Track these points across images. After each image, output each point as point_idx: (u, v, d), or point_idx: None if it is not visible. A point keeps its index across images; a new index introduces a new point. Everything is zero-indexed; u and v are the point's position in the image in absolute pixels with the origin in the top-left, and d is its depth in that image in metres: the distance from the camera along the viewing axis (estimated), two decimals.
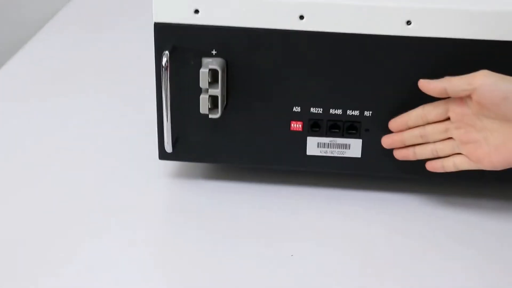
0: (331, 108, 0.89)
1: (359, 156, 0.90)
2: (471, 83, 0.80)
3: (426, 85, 0.84)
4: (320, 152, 0.91)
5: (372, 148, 0.90)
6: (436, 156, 0.87)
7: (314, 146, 0.90)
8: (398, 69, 0.86)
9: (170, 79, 0.87)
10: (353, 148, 0.90)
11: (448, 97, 0.84)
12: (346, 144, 0.90)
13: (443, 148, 0.86)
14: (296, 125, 0.90)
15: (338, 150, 0.90)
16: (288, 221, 0.90)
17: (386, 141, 0.89)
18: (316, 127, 0.90)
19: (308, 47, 0.86)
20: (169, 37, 0.86)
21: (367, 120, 0.89)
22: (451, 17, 0.84)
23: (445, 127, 0.85)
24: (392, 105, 0.88)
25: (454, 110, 0.84)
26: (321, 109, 0.89)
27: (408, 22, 0.84)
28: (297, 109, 0.89)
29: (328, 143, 0.90)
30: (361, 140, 0.90)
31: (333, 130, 0.90)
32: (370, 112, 0.89)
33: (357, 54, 0.86)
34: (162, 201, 0.94)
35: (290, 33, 0.85)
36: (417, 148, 0.88)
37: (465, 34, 0.84)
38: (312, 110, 0.89)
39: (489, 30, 0.84)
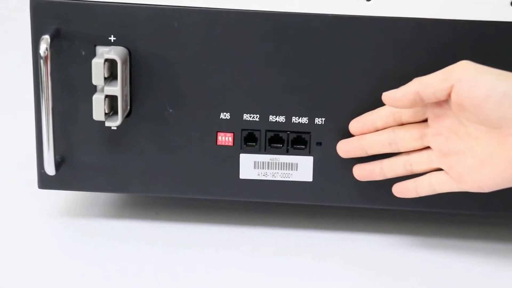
0: (271, 114, 0.75)
1: (310, 179, 0.76)
2: (447, 78, 0.66)
3: (392, 97, 0.68)
4: (258, 175, 0.76)
5: (327, 168, 0.75)
6: (410, 173, 0.72)
7: (250, 166, 0.76)
8: (359, 60, 0.72)
9: (52, 74, 0.72)
10: (302, 168, 0.76)
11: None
12: (292, 164, 0.76)
13: (419, 160, 0.71)
14: (225, 138, 0.75)
15: (282, 171, 0.76)
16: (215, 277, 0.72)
17: (343, 148, 0.73)
18: (251, 140, 0.76)
19: (238, 32, 0.72)
20: (50, 17, 0.73)
21: (319, 130, 0.75)
22: None
23: (421, 133, 0.70)
24: (352, 110, 0.74)
25: (433, 111, 0.69)
26: (258, 116, 0.75)
27: None
28: (225, 115, 0.75)
29: (268, 163, 0.76)
30: (312, 157, 0.75)
31: (275, 145, 0.76)
32: (323, 120, 0.74)
33: (303, 40, 0.72)
34: (44, 251, 0.76)
35: (214, 12, 0.72)
36: (385, 162, 0.72)
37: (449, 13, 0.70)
38: (246, 117, 0.75)
39: (474, 8, 0.70)
